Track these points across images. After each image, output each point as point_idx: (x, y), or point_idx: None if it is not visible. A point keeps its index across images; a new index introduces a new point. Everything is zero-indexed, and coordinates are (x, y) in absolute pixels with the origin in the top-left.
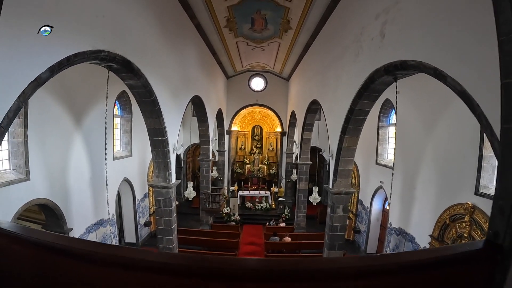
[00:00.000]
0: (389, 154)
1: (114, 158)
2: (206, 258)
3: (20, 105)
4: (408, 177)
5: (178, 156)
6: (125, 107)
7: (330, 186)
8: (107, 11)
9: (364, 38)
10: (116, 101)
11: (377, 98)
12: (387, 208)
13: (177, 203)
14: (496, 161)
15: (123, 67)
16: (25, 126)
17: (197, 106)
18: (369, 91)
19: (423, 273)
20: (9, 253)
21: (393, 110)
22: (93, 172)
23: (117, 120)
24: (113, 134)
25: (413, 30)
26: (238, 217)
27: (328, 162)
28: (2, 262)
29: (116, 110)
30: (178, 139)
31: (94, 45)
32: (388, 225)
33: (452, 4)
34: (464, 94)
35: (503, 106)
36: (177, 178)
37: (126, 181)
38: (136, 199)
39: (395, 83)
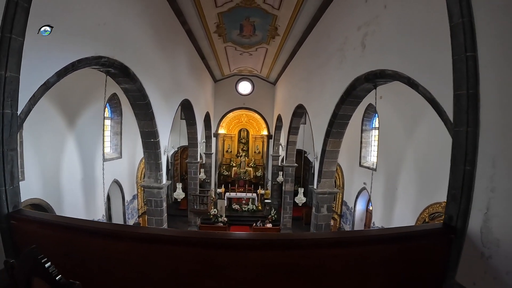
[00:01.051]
0: (372, 157)
1: (104, 160)
2: (216, 233)
3: (31, 107)
4: (390, 178)
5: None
6: (116, 109)
7: (315, 187)
8: (107, 19)
9: (347, 47)
10: (107, 104)
11: (358, 104)
12: (370, 208)
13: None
14: None
15: (121, 72)
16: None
17: (186, 109)
18: (351, 97)
19: (387, 245)
20: (39, 237)
21: (376, 115)
22: (85, 173)
23: (107, 122)
24: (103, 136)
25: (390, 42)
26: (225, 219)
27: (313, 164)
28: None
29: (107, 113)
30: (169, 141)
31: (96, 51)
32: (372, 224)
33: (423, 23)
34: (433, 101)
35: (455, 113)
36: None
37: (116, 182)
38: (125, 201)
39: (375, 90)
